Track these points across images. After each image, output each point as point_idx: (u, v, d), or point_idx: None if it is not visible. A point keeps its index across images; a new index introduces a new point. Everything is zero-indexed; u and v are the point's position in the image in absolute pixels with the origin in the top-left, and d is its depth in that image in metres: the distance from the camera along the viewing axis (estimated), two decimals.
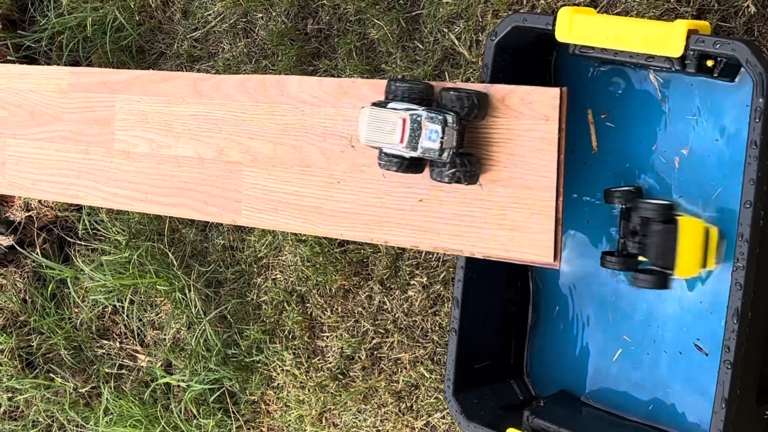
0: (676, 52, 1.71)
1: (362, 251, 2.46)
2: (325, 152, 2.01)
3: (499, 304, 2.14)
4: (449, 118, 1.77)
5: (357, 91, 1.97)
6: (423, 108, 1.79)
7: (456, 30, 2.30)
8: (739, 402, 1.69)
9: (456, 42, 2.29)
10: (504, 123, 1.79)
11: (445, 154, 1.78)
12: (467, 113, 1.79)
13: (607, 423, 2.04)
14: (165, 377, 2.76)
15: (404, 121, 1.78)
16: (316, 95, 2.03)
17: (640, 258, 1.89)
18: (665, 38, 1.72)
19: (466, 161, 1.79)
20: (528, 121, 1.76)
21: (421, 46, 2.36)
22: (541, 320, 2.18)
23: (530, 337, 2.19)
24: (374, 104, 1.83)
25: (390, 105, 1.82)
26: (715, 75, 1.80)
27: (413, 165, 1.83)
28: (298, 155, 2.05)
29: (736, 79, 1.82)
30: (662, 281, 1.88)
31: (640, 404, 2.03)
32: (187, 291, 2.70)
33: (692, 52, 1.72)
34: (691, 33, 1.70)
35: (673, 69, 1.77)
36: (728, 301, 1.67)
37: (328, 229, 2.02)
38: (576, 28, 1.82)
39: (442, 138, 1.76)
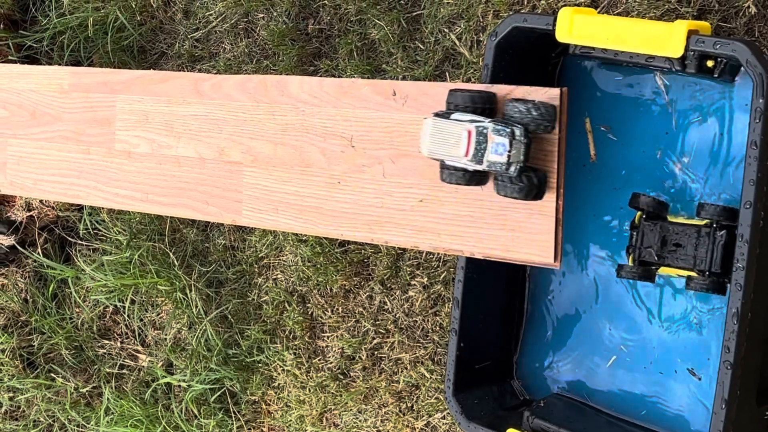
0: (677, 52, 1.71)
1: (363, 251, 2.46)
2: (326, 152, 2.01)
3: (500, 305, 2.14)
4: (517, 131, 1.71)
5: (357, 91, 1.98)
6: (489, 120, 1.74)
7: (457, 30, 2.29)
8: (739, 402, 1.69)
9: (457, 42, 2.29)
10: None
11: (512, 168, 1.72)
12: (536, 127, 1.73)
13: (605, 424, 2.04)
14: (166, 377, 2.76)
15: (470, 133, 1.72)
16: (317, 95, 2.03)
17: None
18: (666, 38, 1.72)
19: (534, 176, 1.74)
20: None
21: (422, 47, 2.35)
22: (536, 321, 2.18)
23: (525, 337, 2.19)
24: (437, 114, 1.78)
25: (454, 116, 1.77)
26: (716, 75, 1.80)
27: (477, 178, 1.78)
28: (298, 155, 2.05)
29: (736, 80, 1.82)
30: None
31: (636, 407, 2.03)
32: (188, 291, 2.71)
33: (692, 53, 1.72)
34: (691, 33, 1.70)
35: (674, 69, 1.76)
36: (728, 302, 1.67)
37: (328, 230, 2.02)
38: (576, 28, 1.82)
39: (510, 152, 1.71)
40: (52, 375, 2.97)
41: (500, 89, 1.80)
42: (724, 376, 1.66)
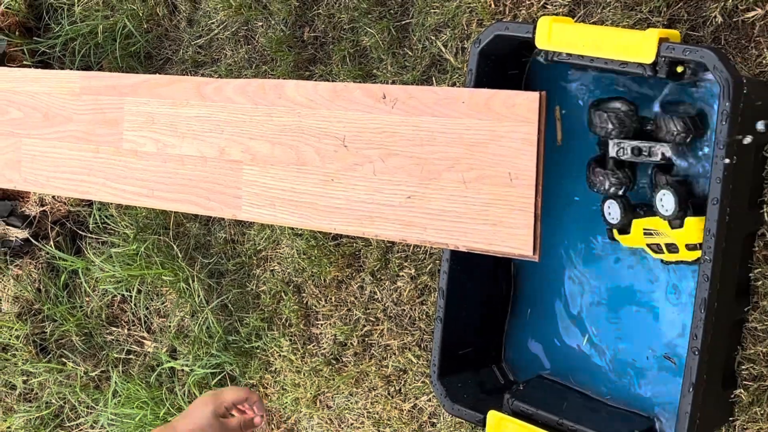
0: (649, 58, 1.71)
1: (354, 245, 2.45)
2: (320, 152, 2.00)
3: (482, 295, 2.14)
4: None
5: (350, 94, 1.97)
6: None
7: (443, 38, 2.29)
8: (705, 386, 1.68)
9: (443, 49, 2.28)
10: (487, 125, 1.78)
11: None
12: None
13: (582, 405, 2.04)
14: (170, 362, 2.76)
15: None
16: (312, 98, 2.02)
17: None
18: (638, 46, 1.72)
19: None
20: (510, 123, 1.76)
21: (410, 53, 2.35)
22: (518, 309, 2.17)
23: (509, 324, 2.19)
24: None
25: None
26: (685, 80, 1.79)
27: None
28: (294, 154, 2.04)
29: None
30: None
31: (612, 388, 2.03)
32: (190, 281, 2.70)
33: (663, 59, 1.71)
34: (662, 41, 1.70)
35: (646, 74, 1.76)
36: (696, 292, 1.67)
37: (322, 224, 2.01)
38: (555, 36, 1.82)
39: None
40: (63, 360, 2.96)
41: (483, 93, 1.80)
42: (691, 362, 1.66)
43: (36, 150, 2.45)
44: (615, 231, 1.93)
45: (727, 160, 1.64)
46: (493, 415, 1.94)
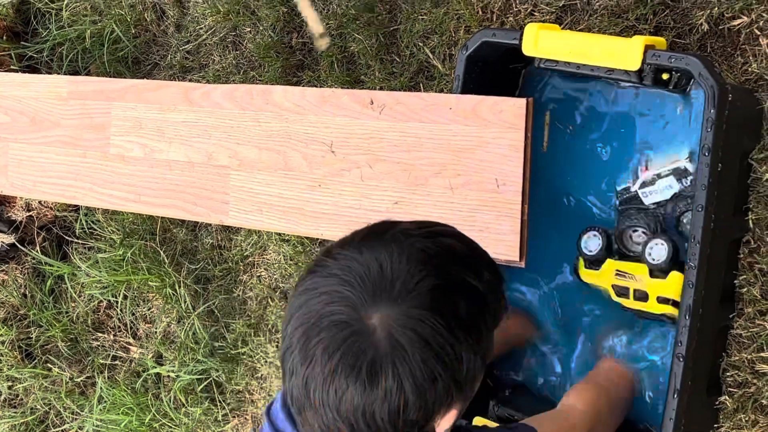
0: (634, 65, 1.72)
1: None
2: (307, 157, 2.01)
3: None
4: None
5: (337, 100, 1.97)
6: None
7: (430, 44, 2.29)
8: (690, 392, 1.69)
9: (430, 55, 2.29)
10: (474, 131, 1.79)
11: None
12: None
13: None
14: (156, 368, 2.75)
15: None
16: (299, 104, 2.03)
17: None
18: (624, 53, 1.73)
19: None
20: (496, 129, 1.77)
21: (398, 59, 2.35)
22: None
23: None
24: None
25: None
26: (670, 87, 1.80)
27: None
28: (282, 160, 2.04)
29: (689, 91, 1.84)
30: None
31: None
32: (177, 287, 2.69)
33: (649, 66, 1.73)
34: (648, 48, 1.71)
35: (631, 81, 1.77)
36: (681, 299, 1.68)
37: (309, 230, 2.02)
38: (541, 42, 1.83)
39: None
40: (49, 365, 2.95)
41: (470, 99, 1.81)
42: (676, 368, 1.67)
43: (23, 154, 2.45)
44: (581, 265, 1.93)
45: (712, 167, 1.65)
46: (478, 422, 1.94)
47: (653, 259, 1.78)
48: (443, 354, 1.17)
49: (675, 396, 1.67)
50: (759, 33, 1.87)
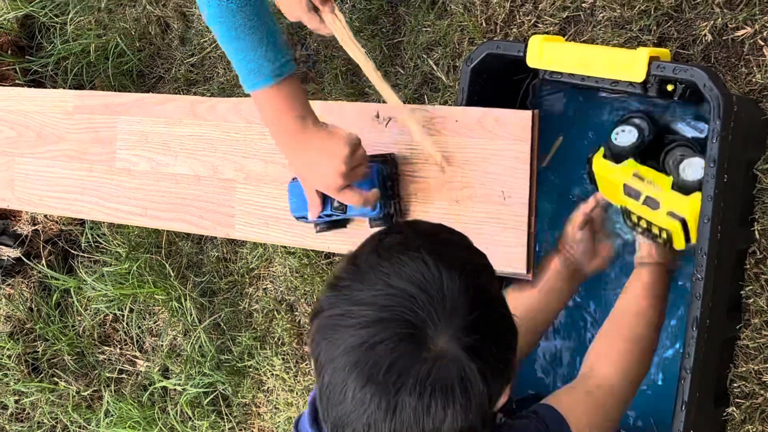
0: (639, 77, 1.72)
1: None
2: None
3: None
4: None
5: (343, 113, 1.98)
6: None
7: (434, 56, 2.30)
8: (698, 404, 1.69)
9: (434, 67, 2.30)
10: (480, 143, 1.79)
11: None
12: None
13: None
14: (162, 381, 2.75)
15: None
16: None
17: None
18: (629, 65, 1.73)
19: None
20: (502, 141, 1.77)
21: (402, 71, 2.36)
22: None
23: None
24: None
25: None
26: (675, 98, 1.81)
27: None
28: (288, 173, 2.05)
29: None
30: None
31: None
32: (183, 300, 2.70)
33: (654, 78, 1.73)
34: (652, 60, 1.71)
35: (636, 93, 1.78)
36: (688, 311, 1.68)
37: (316, 242, 2.02)
38: (546, 54, 1.83)
39: None
40: (56, 379, 2.96)
41: (476, 111, 1.81)
42: (684, 380, 1.67)
43: (29, 169, 2.45)
44: (599, 154, 1.87)
45: (718, 179, 1.65)
46: None
47: (686, 176, 1.73)
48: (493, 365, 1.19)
49: (683, 408, 1.67)
50: (762, 43, 1.87)
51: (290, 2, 1.85)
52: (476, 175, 1.79)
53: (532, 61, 1.84)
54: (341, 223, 1.94)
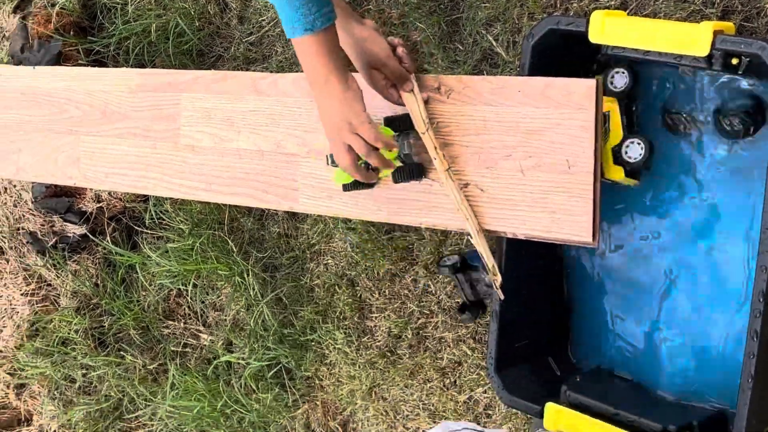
0: (703, 51, 1.71)
1: (408, 238, 2.46)
2: None
3: (538, 287, 2.14)
4: None
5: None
6: None
7: (494, 32, 2.30)
8: (764, 381, 1.68)
9: (494, 43, 2.29)
10: (544, 113, 1.79)
11: None
12: None
13: (638, 397, 2.04)
14: (226, 355, 2.78)
15: None
16: (365, 90, 2.03)
17: None
18: (692, 39, 1.72)
19: None
20: (566, 110, 1.77)
21: (461, 47, 2.36)
22: (577, 301, 2.18)
23: (563, 317, 2.20)
24: None
25: None
26: (740, 72, 1.79)
27: None
28: None
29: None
30: None
31: (670, 381, 2.03)
32: (245, 275, 2.72)
33: (718, 52, 1.71)
34: (716, 33, 1.70)
35: (700, 67, 1.76)
36: (754, 283, 1.67)
37: (379, 215, 2.02)
38: (608, 29, 1.82)
39: None
40: (122, 353, 3.00)
41: (540, 81, 1.81)
42: (751, 350, 1.66)
43: (95, 147, 2.48)
44: None
45: None
46: (551, 407, 1.95)
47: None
48: None
49: (750, 381, 1.67)
50: None
51: (371, 75, 1.91)
52: (541, 144, 1.79)
53: (594, 37, 1.84)
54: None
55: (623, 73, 1.95)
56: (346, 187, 1.99)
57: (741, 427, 1.69)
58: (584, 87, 1.75)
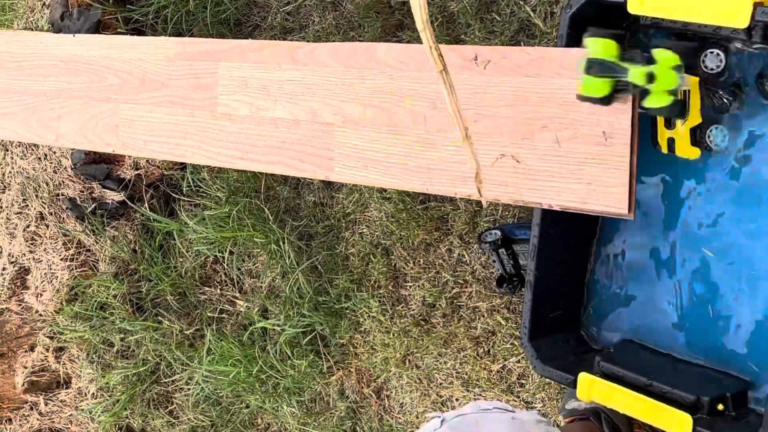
0: (743, 23, 1.68)
1: (443, 208, 2.45)
2: (412, 113, 2.01)
3: (572, 258, 2.13)
4: None
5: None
6: None
7: (531, 2, 2.27)
8: None
9: (531, 14, 2.27)
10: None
11: None
12: None
13: (672, 366, 2.03)
14: (262, 321, 2.80)
15: None
16: (403, 60, 2.03)
17: None
18: (732, 10, 1.69)
19: None
20: None
21: (498, 18, 2.34)
22: (605, 272, 2.16)
23: (594, 287, 2.18)
24: None
25: None
26: None
27: None
28: (386, 116, 2.05)
29: None
30: None
31: (701, 349, 2.01)
32: (281, 243, 2.73)
33: (758, 23, 1.68)
34: (756, 5, 1.67)
35: (740, 39, 1.73)
36: None
37: (414, 184, 2.02)
38: (647, 0, 1.79)
39: None
40: (159, 318, 3.02)
41: (576, 52, 1.79)
42: None
43: (133, 115, 2.50)
44: None
45: None
46: (584, 377, 1.94)
47: None
48: None
49: None
50: None
51: None
52: (577, 116, 1.78)
53: (633, 7, 1.81)
54: None
55: (717, 54, 1.88)
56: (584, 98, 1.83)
57: None
58: None
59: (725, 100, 1.85)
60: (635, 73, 1.66)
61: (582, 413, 2.12)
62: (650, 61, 1.69)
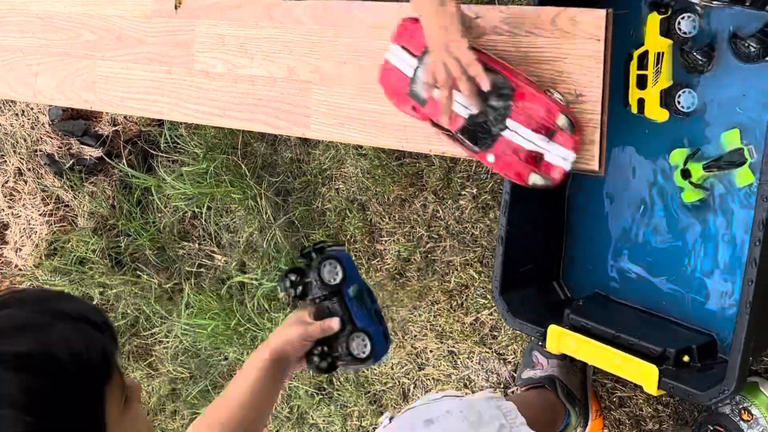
0: None
1: (417, 164, 2.46)
2: None
3: (543, 213, 2.15)
4: None
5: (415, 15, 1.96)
6: None
7: None
8: (764, 301, 1.69)
9: None
10: (553, 42, 1.78)
11: None
12: None
13: (640, 320, 2.05)
14: (239, 276, 2.81)
15: None
16: (379, 18, 2.02)
17: None
18: None
19: None
20: (576, 40, 1.75)
21: None
22: (575, 228, 2.18)
23: (566, 243, 2.20)
24: None
25: None
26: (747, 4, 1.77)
27: None
28: (362, 74, 2.05)
29: None
30: None
31: (665, 303, 2.04)
32: (258, 199, 2.73)
33: None
34: None
35: (739, 3, 1.74)
36: (753, 214, 1.67)
37: (390, 141, 2.03)
38: None
39: None
40: (138, 273, 3.02)
41: (550, 11, 1.79)
42: (750, 274, 1.67)
43: (110, 72, 2.48)
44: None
45: None
46: (553, 329, 1.97)
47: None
48: None
49: (748, 306, 1.68)
50: None
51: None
52: (549, 74, 1.78)
53: None
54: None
55: (690, 17, 1.88)
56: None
57: (738, 352, 1.70)
58: (595, 17, 1.73)
59: (700, 61, 1.87)
60: None
61: (537, 381, 2.15)
62: None
